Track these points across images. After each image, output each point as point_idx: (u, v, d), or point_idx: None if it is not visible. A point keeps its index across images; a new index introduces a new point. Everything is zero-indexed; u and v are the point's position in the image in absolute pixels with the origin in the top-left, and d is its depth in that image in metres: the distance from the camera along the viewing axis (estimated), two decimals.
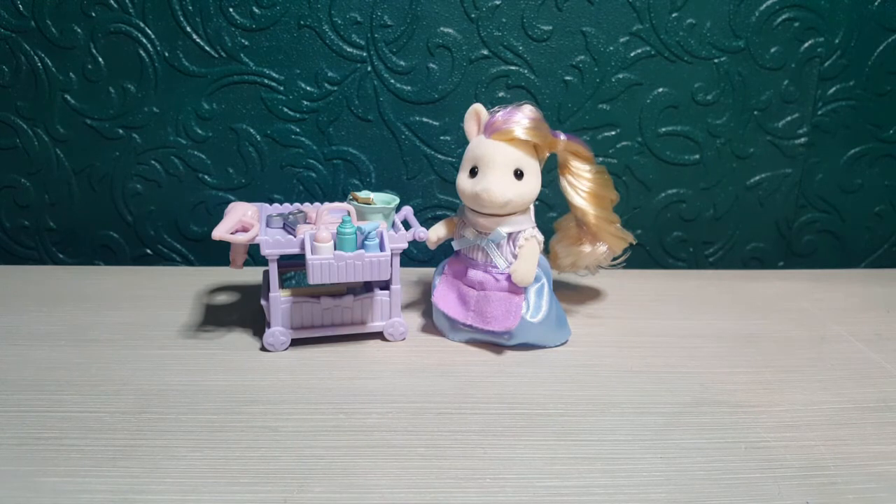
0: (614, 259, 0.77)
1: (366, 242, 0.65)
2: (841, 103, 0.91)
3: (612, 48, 0.85)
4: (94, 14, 0.81)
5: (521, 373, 0.66)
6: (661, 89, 0.88)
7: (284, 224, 0.70)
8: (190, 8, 0.82)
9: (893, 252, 0.99)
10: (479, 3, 0.83)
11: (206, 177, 0.89)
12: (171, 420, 0.56)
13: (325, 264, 0.64)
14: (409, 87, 0.86)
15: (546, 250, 0.75)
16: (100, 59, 0.83)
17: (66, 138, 0.86)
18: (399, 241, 0.68)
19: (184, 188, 0.89)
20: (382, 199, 0.73)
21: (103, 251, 0.92)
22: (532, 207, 0.70)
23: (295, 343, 0.69)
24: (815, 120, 0.91)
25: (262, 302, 0.70)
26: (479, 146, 0.67)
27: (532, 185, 0.67)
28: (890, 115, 0.92)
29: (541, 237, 0.70)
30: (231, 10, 0.82)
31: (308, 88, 0.85)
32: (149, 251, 0.92)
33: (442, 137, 0.88)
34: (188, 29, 0.82)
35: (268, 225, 0.70)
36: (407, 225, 0.73)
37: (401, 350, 0.70)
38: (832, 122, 0.91)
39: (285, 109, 0.86)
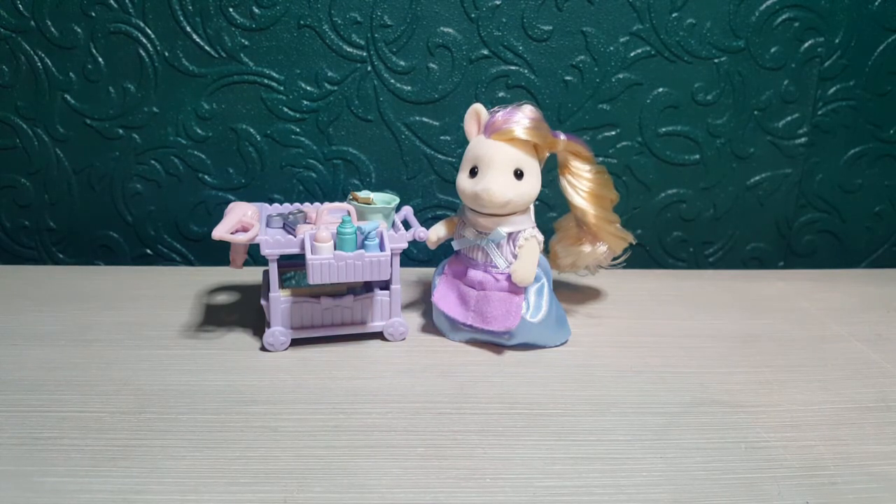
0: (614, 259, 0.77)
1: (366, 242, 0.65)
2: (841, 103, 0.90)
3: (612, 48, 0.85)
4: (94, 14, 0.81)
5: (521, 373, 0.66)
6: (661, 89, 0.88)
7: (284, 224, 0.70)
8: (190, 8, 0.82)
9: (893, 252, 0.99)
10: (479, 3, 0.83)
11: (205, 177, 0.89)
12: (171, 420, 0.56)
13: (325, 264, 0.64)
14: (409, 87, 0.86)
15: (546, 250, 0.75)
16: (100, 59, 0.83)
17: (66, 138, 0.86)
18: (399, 241, 0.68)
19: (184, 188, 0.89)
20: (382, 199, 0.73)
21: (103, 251, 0.92)
22: (532, 207, 0.70)
23: (295, 343, 0.69)
24: (815, 120, 0.91)
25: (262, 302, 0.70)
26: (479, 146, 0.67)
27: (532, 185, 0.67)
28: (890, 115, 0.92)
29: (541, 237, 0.70)
30: (231, 10, 0.82)
31: (308, 88, 0.85)
32: (149, 251, 0.92)
33: (442, 137, 0.88)
34: (188, 29, 0.82)
35: (268, 225, 0.70)
36: (407, 225, 0.73)
37: (401, 350, 0.70)
38: (832, 122, 0.91)
39: (285, 109, 0.86)
